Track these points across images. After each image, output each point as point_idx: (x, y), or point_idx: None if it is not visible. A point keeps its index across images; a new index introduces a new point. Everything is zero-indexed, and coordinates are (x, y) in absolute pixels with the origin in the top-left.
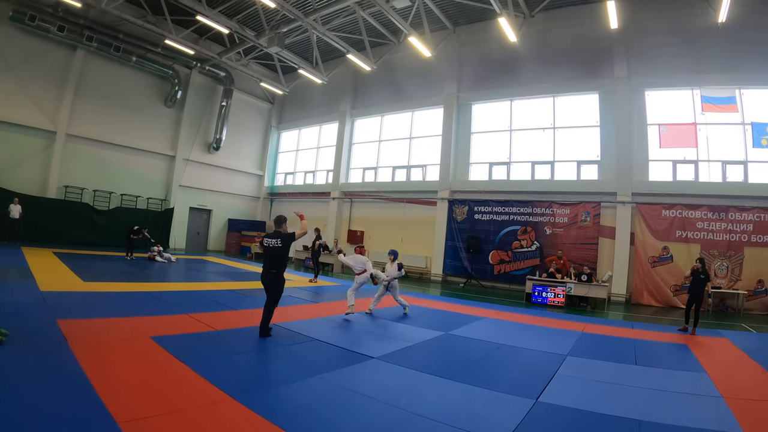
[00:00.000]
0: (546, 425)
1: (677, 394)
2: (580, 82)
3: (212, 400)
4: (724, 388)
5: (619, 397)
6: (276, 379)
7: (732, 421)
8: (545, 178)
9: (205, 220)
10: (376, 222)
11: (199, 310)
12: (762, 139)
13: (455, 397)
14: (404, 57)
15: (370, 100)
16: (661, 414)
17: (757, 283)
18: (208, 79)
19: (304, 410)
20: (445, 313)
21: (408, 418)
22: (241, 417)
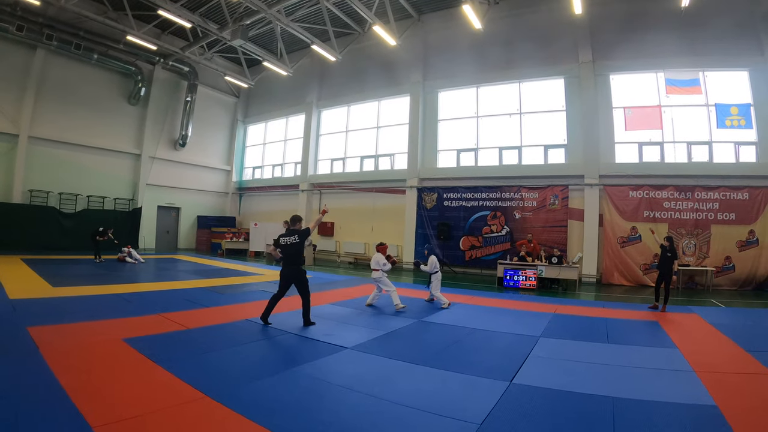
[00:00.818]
0: (521, 406)
1: (650, 370)
2: (545, 68)
3: (187, 399)
4: (695, 362)
5: (593, 375)
6: (250, 375)
7: (704, 394)
8: (513, 163)
9: (174, 218)
10: (347, 213)
11: (171, 309)
12: (726, 119)
13: (429, 383)
14: (369, 46)
15: (336, 90)
16: (634, 390)
17: (725, 260)
18: (172, 74)
19: (279, 404)
20: (417, 301)
21: (383, 406)
22: (217, 415)
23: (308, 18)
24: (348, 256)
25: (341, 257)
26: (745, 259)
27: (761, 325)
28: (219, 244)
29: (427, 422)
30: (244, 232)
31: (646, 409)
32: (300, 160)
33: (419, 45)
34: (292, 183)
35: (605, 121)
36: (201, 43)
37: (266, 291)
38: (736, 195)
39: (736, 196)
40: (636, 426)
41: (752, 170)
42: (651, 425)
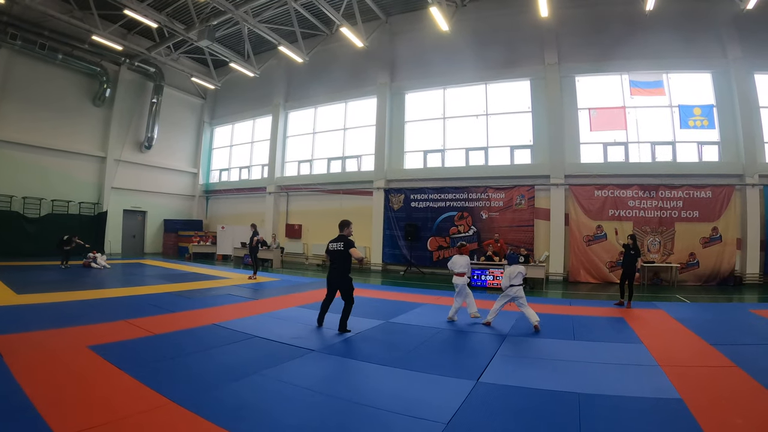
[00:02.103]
0: (487, 404)
1: (615, 366)
2: (511, 69)
3: (153, 405)
4: (660, 357)
5: (559, 372)
6: (217, 380)
7: (669, 388)
8: (479, 163)
9: (140, 222)
10: (314, 214)
11: (138, 315)
12: (689, 120)
13: (396, 383)
14: (337, 48)
15: (303, 92)
16: (601, 386)
17: (689, 256)
18: (138, 75)
19: (245, 408)
20: (385, 302)
21: (349, 408)
22: (183, 420)
23: (276, 19)
24: (316, 258)
25: (309, 259)
26: (709, 256)
27: (725, 319)
28: (186, 248)
29: (394, 423)
30: (212, 236)
31: (611, 404)
32: (267, 162)
33: (387, 46)
34: (259, 185)
35: (570, 122)
36: (167, 44)
37: (233, 295)
38: (699, 193)
39: (699, 195)
40: (602, 421)
41: (715, 169)
42: (617, 420)
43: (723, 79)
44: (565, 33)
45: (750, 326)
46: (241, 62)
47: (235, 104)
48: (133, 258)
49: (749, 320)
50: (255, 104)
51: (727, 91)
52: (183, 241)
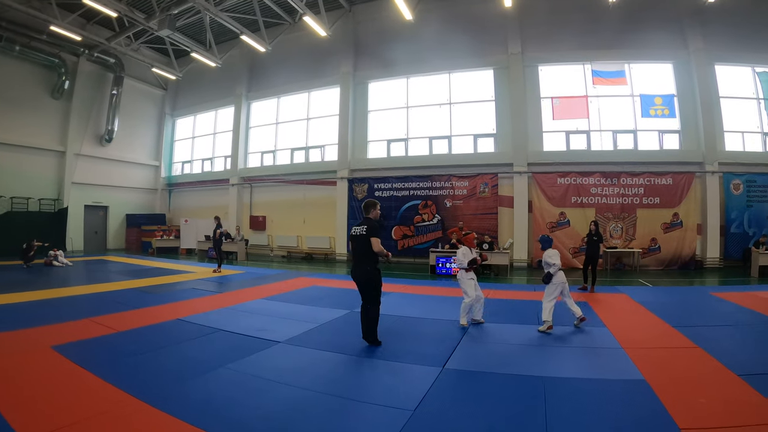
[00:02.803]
0: (453, 391)
1: (579, 349)
2: (475, 59)
3: (118, 404)
4: (623, 339)
5: (524, 357)
6: (182, 375)
7: (632, 369)
8: (443, 152)
9: (101, 217)
10: (278, 206)
11: (101, 312)
12: (650, 109)
13: (362, 372)
14: (300, 37)
15: (266, 82)
16: (565, 369)
17: (651, 241)
18: (97, 66)
19: (211, 402)
20: (351, 292)
21: (315, 398)
22: (148, 418)
23: (238, 8)
24: (281, 249)
25: (274, 251)
26: (670, 241)
27: (686, 301)
28: (149, 242)
29: (361, 411)
30: (175, 230)
31: (576, 386)
32: (230, 154)
33: (350, 36)
34: (222, 177)
35: (533, 110)
36: (127, 33)
37: (197, 289)
38: (660, 180)
39: (660, 182)
40: (566, 403)
41: (675, 157)
42: (581, 402)
43: (684, 69)
44: (529, 23)
45: (711, 308)
46: (203, 52)
47: (197, 95)
48: (96, 255)
49: (710, 303)
50: (217, 95)
51: (688, 82)
52: (146, 235)
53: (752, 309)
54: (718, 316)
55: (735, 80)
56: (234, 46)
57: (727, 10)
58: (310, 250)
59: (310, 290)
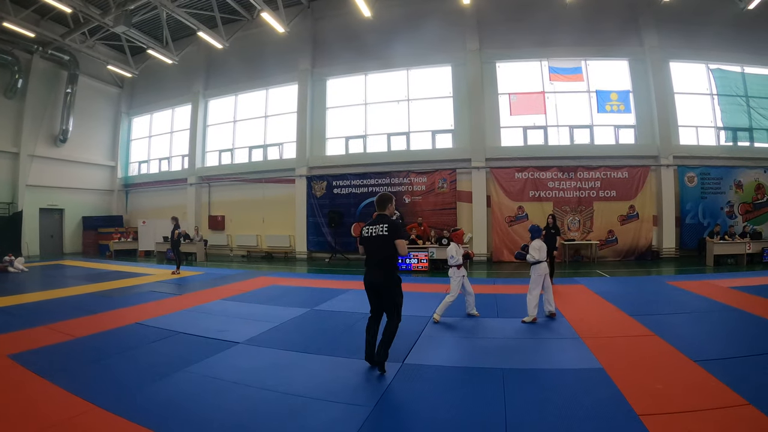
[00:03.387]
0: (413, 385)
1: (538, 340)
2: (433, 55)
3: (77, 412)
4: (581, 330)
5: (483, 349)
6: (142, 380)
7: (590, 358)
8: (401, 148)
9: (57, 220)
10: (237, 205)
11: (58, 319)
12: (606, 105)
13: (323, 370)
14: (258, 33)
15: (223, 79)
16: (524, 360)
17: (608, 233)
18: (52, 64)
19: (172, 407)
20: (311, 290)
21: (276, 398)
22: (109, 425)
23: (195, 3)
24: (241, 249)
25: (234, 251)
26: (627, 232)
27: (643, 291)
28: (107, 245)
29: (321, 409)
30: (133, 231)
31: (535, 376)
32: (187, 153)
33: (308, 32)
34: (179, 177)
35: (491, 106)
36: (82, 30)
37: (156, 291)
38: (616, 174)
39: (616, 175)
40: (526, 393)
41: (631, 151)
42: (540, 391)
43: (640, 66)
44: (487, 20)
45: (667, 297)
46: (160, 49)
47: (154, 93)
48: (53, 259)
49: (666, 291)
50: (174, 92)
51: (643, 78)
52: (103, 238)
53: (707, 297)
54: (674, 304)
55: (689, 77)
56: (191, 42)
57: (682, 9)
58: (270, 249)
59: (269, 289)
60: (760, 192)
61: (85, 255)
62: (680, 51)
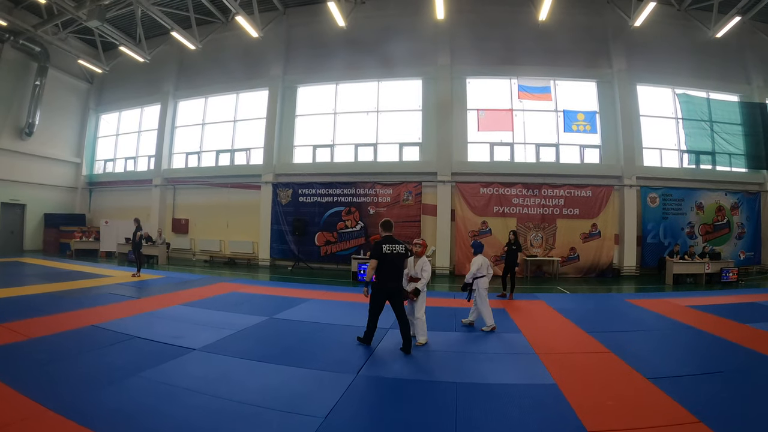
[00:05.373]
0: (365, 397)
1: (494, 355)
2: (404, 68)
3: (27, 414)
4: (537, 345)
5: (439, 363)
6: (96, 383)
7: (544, 374)
8: (368, 159)
9: (19, 216)
10: (201, 209)
11: (12, 318)
12: (573, 124)
13: (277, 380)
14: (231, 37)
15: (194, 81)
16: (478, 374)
17: (570, 250)
18: (22, 54)
19: (124, 412)
20: (271, 298)
21: (228, 406)
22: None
23: (170, 2)
24: (203, 254)
25: (196, 255)
26: (589, 250)
27: (602, 308)
28: (68, 244)
29: (272, 419)
30: (95, 231)
31: (488, 391)
32: (154, 154)
33: (282, 39)
34: (145, 177)
35: (459, 121)
36: (56, 21)
37: (114, 294)
38: (580, 192)
39: (580, 194)
40: (477, 409)
41: (595, 170)
42: (492, 407)
43: (607, 88)
44: (459, 36)
45: (624, 314)
46: (132, 46)
47: (124, 90)
48: (11, 256)
49: (624, 309)
50: (144, 91)
51: (610, 100)
52: (65, 236)
53: (663, 314)
54: (631, 322)
55: (655, 100)
56: (164, 41)
57: (652, 35)
58: (233, 255)
59: (229, 296)
60: (721, 214)
61: (45, 253)
62: (648, 75)
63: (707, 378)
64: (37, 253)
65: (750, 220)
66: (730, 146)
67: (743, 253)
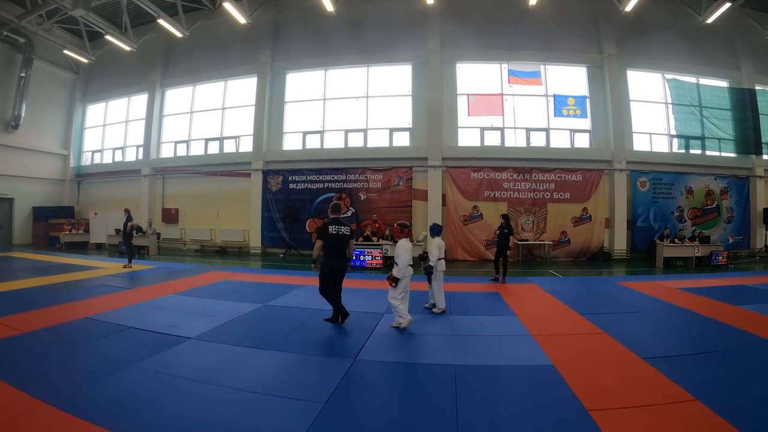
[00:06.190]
0: (364, 381)
1: (490, 338)
2: (394, 53)
3: (24, 409)
4: (532, 327)
5: (435, 346)
6: (92, 376)
7: (541, 355)
8: (359, 145)
9: (7, 210)
10: (191, 198)
11: (4, 313)
12: (563, 109)
13: (275, 366)
14: (219, 23)
15: (182, 69)
16: (476, 357)
17: (561, 234)
18: (6, 46)
19: (122, 403)
20: (264, 285)
21: (228, 394)
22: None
23: None
24: (194, 243)
25: (187, 245)
26: (579, 233)
27: (593, 290)
28: (57, 237)
29: (273, 406)
30: (84, 223)
31: (486, 373)
32: (142, 143)
33: (270, 25)
34: (133, 168)
35: (449, 106)
36: (40, 12)
37: (106, 285)
38: (570, 177)
39: (570, 178)
40: (477, 389)
41: (586, 155)
42: (491, 388)
43: (597, 73)
44: (449, 21)
45: (616, 297)
46: (118, 35)
47: (110, 80)
48: (0, 251)
49: (616, 291)
50: (131, 81)
51: (600, 85)
52: (54, 229)
53: (655, 297)
54: (624, 304)
55: (645, 85)
56: (151, 29)
57: (642, 20)
58: (224, 244)
59: (222, 284)
60: (710, 198)
61: (34, 247)
62: (638, 60)
63: (702, 357)
64: (27, 247)
65: (739, 204)
66: (719, 131)
67: (732, 237)
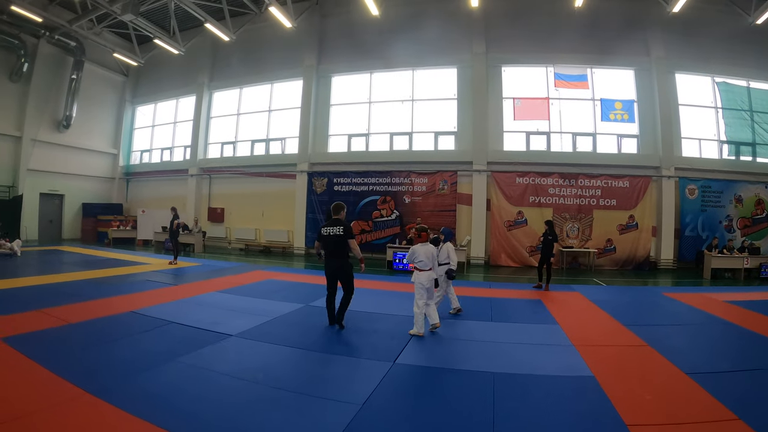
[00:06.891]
0: (402, 385)
1: (530, 346)
2: (439, 57)
3: (68, 397)
4: (574, 337)
5: (475, 353)
6: (134, 368)
7: (582, 366)
8: (404, 148)
9: (57, 206)
10: (237, 198)
11: (53, 304)
12: (610, 113)
13: (314, 367)
14: (265, 27)
15: (228, 72)
16: (515, 365)
17: (606, 242)
18: (58, 49)
19: (162, 396)
20: (307, 286)
21: (267, 393)
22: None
23: None
24: (239, 242)
25: (232, 244)
26: (625, 242)
27: (639, 301)
28: (105, 233)
29: (309, 406)
30: (132, 220)
31: (525, 381)
32: (190, 144)
33: (316, 28)
34: (181, 167)
35: (495, 110)
36: (90, 17)
37: (152, 281)
38: (617, 183)
39: (617, 184)
40: (515, 399)
41: (633, 161)
42: (529, 397)
43: (645, 76)
44: (494, 23)
45: (662, 308)
46: (166, 39)
47: (159, 83)
48: (50, 244)
49: (661, 302)
50: (179, 83)
51: (648, 88)
52: (102, 225)
53: (702, 309)
54: (669, 316)
55: (694, 89)
56: (198, 34)
57: (690, 21)
58: (268, 243)
59: (265, 284)
60: (760, 207)
61: (83, 241)
62: (686, 63)
63: (746, 375)
64: (75, 242)
65: None
66: None
67: None
